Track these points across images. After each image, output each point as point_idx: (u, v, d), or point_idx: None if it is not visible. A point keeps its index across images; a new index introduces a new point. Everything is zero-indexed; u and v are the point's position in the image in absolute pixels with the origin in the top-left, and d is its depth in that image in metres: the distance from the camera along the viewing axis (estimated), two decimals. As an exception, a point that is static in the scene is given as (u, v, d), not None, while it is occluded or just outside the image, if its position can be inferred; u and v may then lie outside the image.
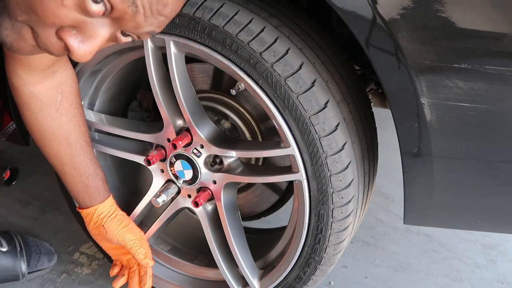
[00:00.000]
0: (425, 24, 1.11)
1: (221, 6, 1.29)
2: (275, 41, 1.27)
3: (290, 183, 1.66)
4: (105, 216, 1.47)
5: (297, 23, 1.34)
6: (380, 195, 2.28)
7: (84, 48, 0.94)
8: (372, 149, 1.46)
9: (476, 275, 2.00)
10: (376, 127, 1.48)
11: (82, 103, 1.58)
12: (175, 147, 1.45)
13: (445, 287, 1.94)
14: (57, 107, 1.37)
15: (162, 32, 1.33)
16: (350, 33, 1.18)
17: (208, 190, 1.49)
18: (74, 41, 0.93)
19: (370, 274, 1.95)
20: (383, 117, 1.67)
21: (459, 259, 2.06)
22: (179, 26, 1.32)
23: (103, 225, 1.47)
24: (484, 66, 1.11)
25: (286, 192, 1.69)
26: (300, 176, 1.34)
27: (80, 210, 1.50)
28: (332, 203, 1.34)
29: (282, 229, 1.58)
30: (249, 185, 1.68)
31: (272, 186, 1.68)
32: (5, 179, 2.10)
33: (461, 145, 1.22)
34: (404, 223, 1.39)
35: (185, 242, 1.78)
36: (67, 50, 0.95)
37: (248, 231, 1.57)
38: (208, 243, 1.54)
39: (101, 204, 1.47)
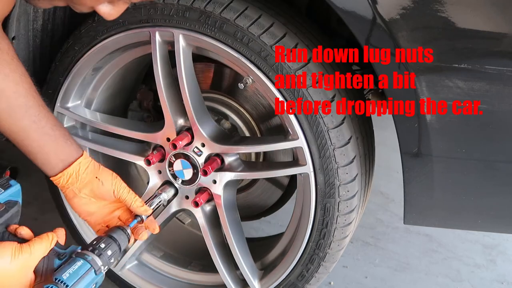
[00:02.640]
0: (425, 24, 1.11)
1: (232, 1, 1.29)
2: (284, 36, 1.28)
3: (290, 183, 1.66)
4: (94, 167, 1.25)
5: (298, 23, 1.35)
6: (380, 195, 2.29)
7: None
8: (372, 149, 1.46)
9: (476, 275, 2.00)
10: (373, 130, 1.49)
11: (79, 102, 1.58)
12: (175, 147, 1.44)
13: (445, 287, 1.94)
14: None
15: (171, 26, 1.35)
16: (350, 33, 1.18)
17: (208, 191, 1.49)
18: None
19: (370, 274, 1.95)
20: (383, 117, 1.67)
21: (459, 259, 2.06)
22: (189, 19, 1.32)
23: (97, 177, 1.25)
24: (484, 66, 1.11)
25: (286, 192, 1.69)
26: (308, 168, 1.34)
27: (57, 177, 1.24)
28: (339, 196, 1.34)
29: (280, 235, 1.58)
30: (248, 186, 1.68)
31: (271, 186, 1.68)
32: (5, 179, 2.10)
33: (461, 145, 1.22)
34: (404, 223, 1.39)
35: (178, 248, 1.77)
36: None
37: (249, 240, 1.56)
38: (207, 245, 1.54)
39: (82, 157, 1.25)
